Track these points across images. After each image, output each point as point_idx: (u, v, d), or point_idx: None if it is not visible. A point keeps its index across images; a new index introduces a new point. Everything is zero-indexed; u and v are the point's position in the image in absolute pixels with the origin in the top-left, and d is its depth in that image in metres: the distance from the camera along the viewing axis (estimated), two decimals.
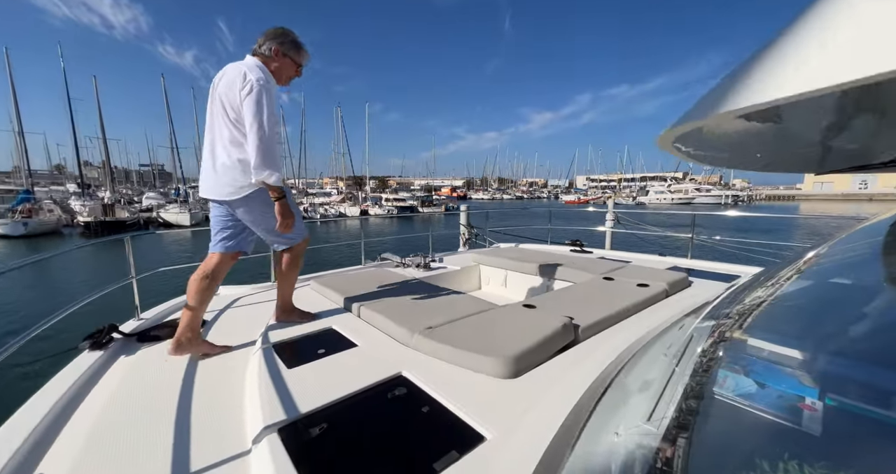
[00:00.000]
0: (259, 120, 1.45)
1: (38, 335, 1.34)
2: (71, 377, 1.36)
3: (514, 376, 1.23)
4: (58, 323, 1.46)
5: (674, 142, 0.55)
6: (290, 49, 1.64)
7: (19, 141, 21.68)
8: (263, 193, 1.58)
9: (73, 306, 1.62)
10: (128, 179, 65.59)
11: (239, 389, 1.33)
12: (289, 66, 1.66)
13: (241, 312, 2.15)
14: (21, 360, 2.47)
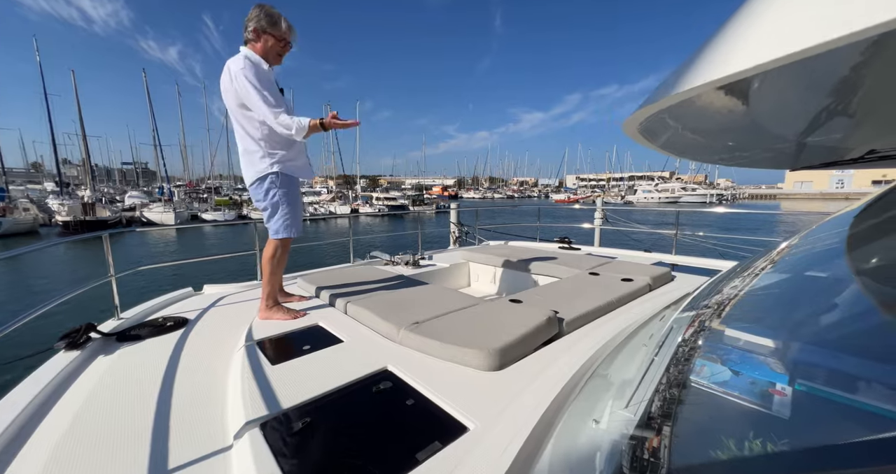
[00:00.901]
0: (258, 102, 1.58)
1: (8, 336, 1.29)
2: (46, 377, 1.31)
3: (499, 368, 1.24)
4: (32, 324, 1.41)
5: (641, 126, 0.54)
6: (268, 25, 1.64)
7: None
8: (261, 184, 1.75)
9: (49, 304, 1.56)
10: (109, 178, 63.78)
11: (221, 386, 1.30)
12: (272, 42, 1.67)
13: (226, 310, 2.11)
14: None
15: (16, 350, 2.04)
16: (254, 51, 1.66)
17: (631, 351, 1.23)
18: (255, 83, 1.56)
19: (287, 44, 1.71)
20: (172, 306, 2.18)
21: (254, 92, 1.56)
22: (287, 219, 1.80)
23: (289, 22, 1.69)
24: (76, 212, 17.78)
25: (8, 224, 16.03)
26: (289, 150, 1.78)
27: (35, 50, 22.37)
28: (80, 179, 40.89)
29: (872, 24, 0.23)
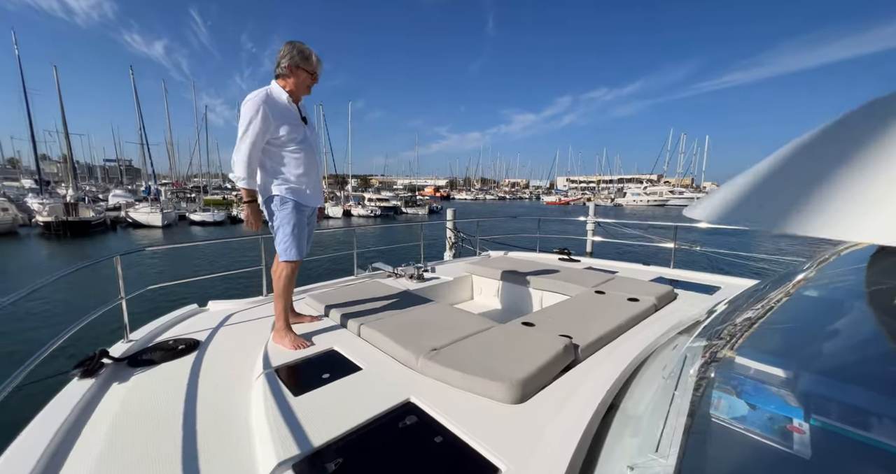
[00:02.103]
0: (240, 133, 1.67)
1: (17, 359, 1.28)
2: (65, 408, 1.30)
3: (521, 401, 1.27)
4: (35, 342, 1.39)
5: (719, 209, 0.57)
6: (301, 61, 1.75)
7: None
8: (268, 205, 1.81)
9: (68, 332, 1.56)
10: (91, 175, 61.79)
11: (244, 417, 1.31)
12: (304, 76, 1.78)
13: (236, 331, 2.10)
14: None
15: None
16: (285, 85, 1.77)
17: (648, 382, 1.28)
18: (252, 115, 1.66)
19: (317, 76, 1.82)
20: (180, 325, 2.16)
21: (243, 126, 1.67)
22: (287, 242, 1.83)
23: (310, 50, 1.78)
24: (58, 212, 17.18)
25: None
26: (295, 176, 1.81)
27: (14, 43, 21.62)
28: (59, 177, 39.51)
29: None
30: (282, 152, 1.75)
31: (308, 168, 1.83)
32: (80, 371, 1.49)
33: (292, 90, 1.77)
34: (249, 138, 1.64)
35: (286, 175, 1.78)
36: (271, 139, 1.71)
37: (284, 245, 1.81)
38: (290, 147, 1.75)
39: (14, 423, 0.96)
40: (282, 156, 1.76)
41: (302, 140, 1.79)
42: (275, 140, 1.72)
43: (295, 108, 1.80)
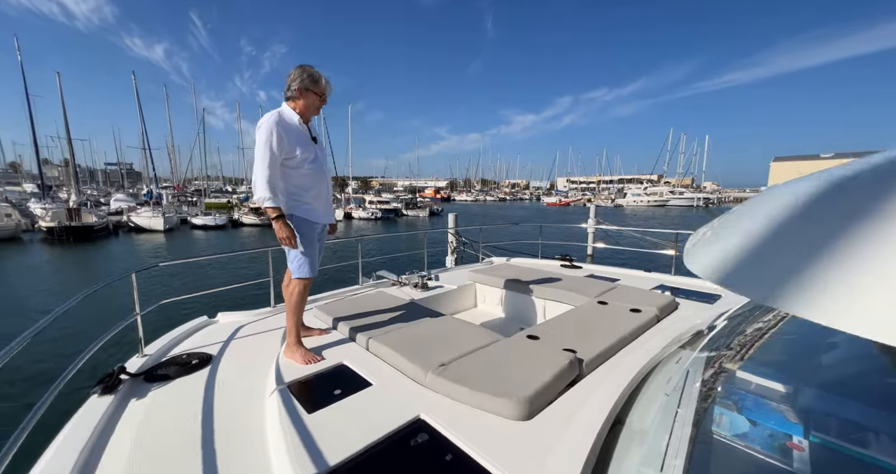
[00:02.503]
0: (258, 156, 1.72)
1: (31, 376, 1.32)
2: (87, 425, 1.34)
3: (528, 417, 1.31)
4: (49, 355, 1.44)
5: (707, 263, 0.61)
6: (310, 84, 1.82)
7: None
8: (287, 219, 1.83)
9: (93, 348, 1.62)
10: (93, 179, 61.99)
11: (259, 434, 1.35)
12: (313, 98, 1.85)
13: (246, 344, 2.14)
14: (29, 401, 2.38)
15: (31, 386, 2.01)
16: (294, 106, 1.83)
17: (651, 397, 1.32)
18: (267, 137, 1.71)
19: (325, 98, 1.88)
20: (192, 338, 2.21)
21: (261, 148, 1.72)
22: (300, 260, 1.88)
23: (319, 73, 1.85)
24: (61, 217, 17.26)
25: None
26: (307, 195, 1.87)
27: (16, 49, 21.76)
28: (60, 180, 39.67)
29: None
30: (294, 172, 1.81)
31: (319, 186, 1.89)
32: (100, 388, 1.54)
33: (302, 112, 1.84)
34: (268, 159, 1.70)
35: (298, 194, 1.84)
36: (285, 160, 1.77)
37: (297, 262, 1.86)
38: (302, 167, 1.81)
39: (31, 437, 0.99)
40: (294, 176, 1.82)
41: (313, 159, 1.85)
42: (288, 160, 1.78)
43: (305, 128, 1.86)
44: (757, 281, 0.45)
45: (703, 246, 0.63)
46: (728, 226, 0.65)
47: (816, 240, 0.44)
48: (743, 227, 0.56)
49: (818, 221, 0.47)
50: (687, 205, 52.02)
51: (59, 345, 5.59)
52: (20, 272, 11.17)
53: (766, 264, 0.46)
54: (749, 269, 0.47)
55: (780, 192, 0.62)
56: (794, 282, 0.42)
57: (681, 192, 55.68)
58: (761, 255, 0.48)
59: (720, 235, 0.62)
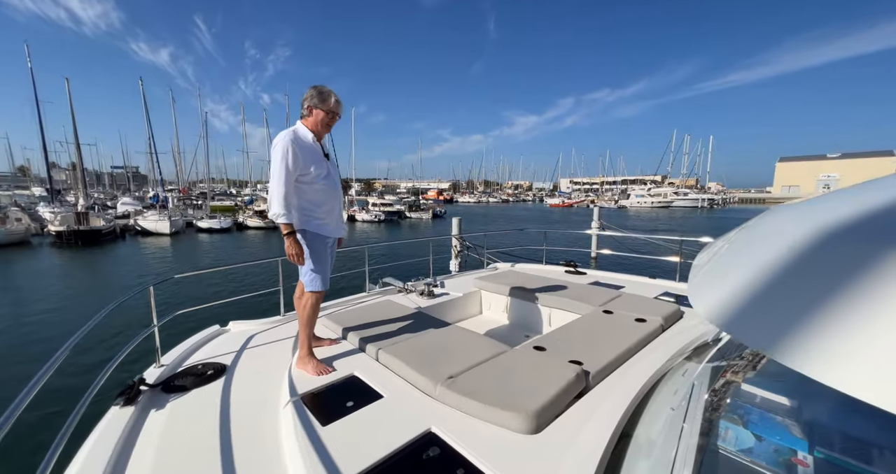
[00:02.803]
0: (274, 174, 1.79)
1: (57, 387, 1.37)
2: (111, 436, 1.40)
3: (536, 431, 1.35)
4: (66, 363, 1.46)
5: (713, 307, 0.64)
6: (318, 102, 1.89)
7: None
8: (300, 234, 1.90)
9: (118, 359, 1.68)
10: (99, 182, 62.75)
11: (275, 447, 1.40)
12: (322, 115, 1.91)
13: (259, 354, 2.19)
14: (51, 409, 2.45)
15: (54, 394, 2.07)
16: (306, 124, 1.90)
17: (658, 411, 1.35)
18: (282, 155, 1.77)
19: (335, 115, 1.93)
20: (206, 348, 2.27)
21: (278, 164, 1.77)
22: (312, 274, 1.93)
23: (337, 97, 1.91)
24: (69, 221, 17.50)
25: (1, 235, 15.80)
26: (320, 210, 1.92)
27: (27, 56, 22.12)
28: (68, 183, 40.21)
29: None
30: (308, 188, 1.87)
31: (331, 202, 1.95)
32: (122, 400, 1.59)
33: (314, 129, 1.90)
34: (283, 177, 1.76)
35: (311, 209, 1.90)
36: (299, 176, 1.83)
37: (310, 276, 1.91)
38: (315, 183, 1.87)
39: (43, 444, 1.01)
40: (308, 192, 1.87)
41: (326, 175, 1.91)
42: (302, 177, 1.84)
43: (318, 145, 1.92)
44: (754, 331, 0.48)
45: (707, 284, 0.66)
46: (730, 262, 0.69)
47: (812, 294, 0.46)
48: (744, 270, 0.60)
49: (814, 273, 0.50)
50: (691, 206, 51.71)
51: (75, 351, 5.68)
52: (31, 276, 11.34)
53: (764, 315, 0.49)
54: (747, 318, 0.51)
55: (781, 230, 0.64)
56: (788, 336, 0.44)
57: (685, 193, 55.38)
58: (759, 304, 0.51)
59: (722, 272, 0.65)
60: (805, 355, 0.42)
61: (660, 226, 28.62)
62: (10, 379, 5.02)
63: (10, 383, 4.89)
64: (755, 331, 0.48)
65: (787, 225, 0.66)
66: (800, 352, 0.42)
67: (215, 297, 7.49)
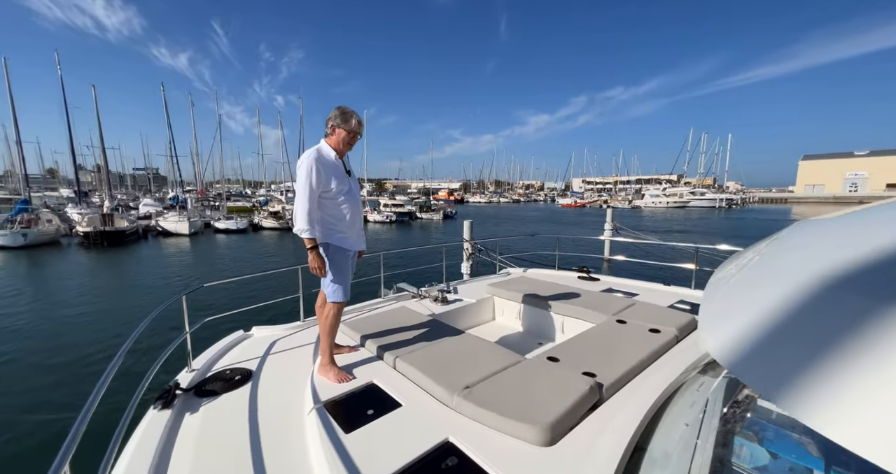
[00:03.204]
0: (299, 191, 1.88)
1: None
2: (151, 442, 1.51)
3: (550, 443, 1.39)
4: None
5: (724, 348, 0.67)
6: (341, 122, 1.98)
7: (16, 149, 21.61)
8: (322, 247, 1.99)
9: (158, 362, 1.83)
10: (122, 184, 65.09)
11: (302, 452, 1.48)
12: (344, 134, 2.00)
13: (281, 360, 2.30)
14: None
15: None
16: (329, 142, 1.99)
17: (671, 425, 1.37)
18: (307, 173, 1.86)
19: (356, 135, 2.02)
20: (232, 352, 2.38)
21: (303, 181, 1.86)
22: (333, 286, 2.02)
23: (358, 117, 2.00)
24: (95, 222, 18.26)
25: (33, 236, 16.59)
26: (342, 224, 2.01)
27: (57, 64, 23.13)
28: (93, 185, 41.98)
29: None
30: (330, 203, 1.96)
31: (352, 216, 2.03)
32: (160, 403, 1.71)
33: (336, 147, 1.99)
34: (307, 194, 1.85)
35: (334, 224, 1.99)
36: (322, 193, 1.92)
37: (332, 287, 2.00)
38: (338, 198, 1.96)
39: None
40: (330, 207, 1.97)
41: (347, 191, 2.00)
42: (325, 193, 1.93)
43: (340, 162, 2.01)
44: (761, 378, 0.51)
45: (716, 318, 0.70)
46: (740, 296, 0.72)
47: (817, 342, 0.48)
48: (753, 308, 0.63)
49: (819, 321, 0.52)
50: (709, 207, 50.34)
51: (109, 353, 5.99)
52: (64, 276, 11.89)
53: (770, 362, 0.52)
54: (754, 364, 0.54)
55: (792, 265, 0.67)
56: (793, 386, 0.46)
57: (702, 193, 53.93)
58: (766, 350, 0.54)
59: (732, 307, 0.68)
60: (806, 408, 0.42)
61: (675, 226, 27.99)
62: (76, 363, 5.33)
63: (79, 373, 5.18)
64: (760, 380, 0.51)
65: (802, 255, 0.68)
66: (802, 404, 0.43)
67: (236, 299, 7.77)
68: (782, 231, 1.01)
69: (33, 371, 5.34)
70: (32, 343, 6.39)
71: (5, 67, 20.57)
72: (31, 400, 4.56)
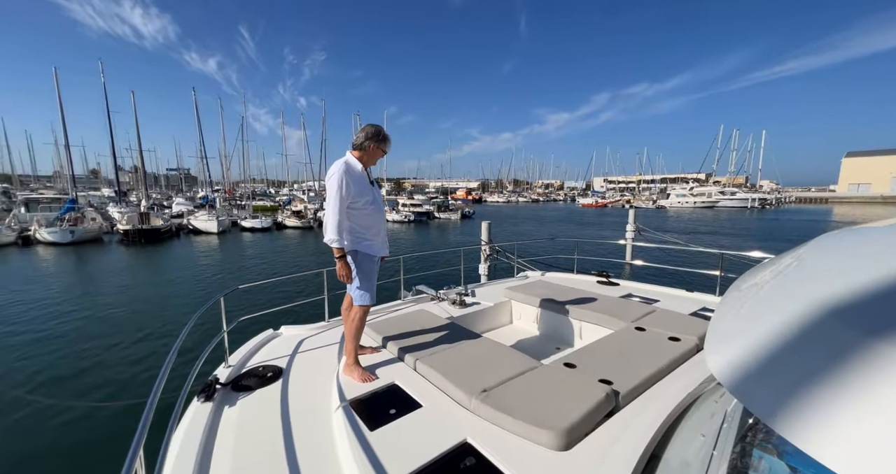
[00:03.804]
0: (330, 201, 2.00)
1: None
2: (196, 432, 1.66)
3: (565, 448, 1.44)
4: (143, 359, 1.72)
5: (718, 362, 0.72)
6: (379, 142, 2.13)
7: (65, 153, 23.36)
8: (351, 254, 2.10)
9: (202, 357, 2.01)
10: (156, 184, 68.92)
11: (330, 447, 1.59)
12: (377, 151, 2.15)
13: (309, 358, 2.44)
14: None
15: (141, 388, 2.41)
16: (355, 154, 2.12)
17: (688, 436, 1.39)
18: (338, 186, 1.98)
19: (384, 151, 2.16)
20: (263, 350, 2.55)
21: (333, 194, 1.99)
22: (361, 290, 2.13)
23: (387, 134, 2.15)
24: (134, 221, 19.50)
25: (79, 233, 17.89)
26: (368, 233, 2.12)
27: (100, 72, 24.73)
28: (130, 185, 44.85)
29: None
30: (358, 213, 2.08)
31: (377, 224, 2.15)
32: (203, 396, 1.87)
33: (364, 160, 2.12)
34: (336, 205, 1.97)
35: (361, 232, 2.10)
36: (350, 203, 2.04)
37: (359, 292, 2.12)
38: (365, 208, 2.08)
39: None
40: (358, 216, 2.08)
41: (373, 201, 2.12)
42: (353, 203, 2.05)
43: (366, 174, 2.13)
44: (758, 400, 0.56)
45: (724, 337, 0.73)
46: (747, 316, 0.75)
47: (812, 371, 0.52)
48: (758, 332, 0.66)
49: (815, 351, 0.56)
50: (740, 207, 47.96)
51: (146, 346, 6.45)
52: (110, 272, 12.80)
53: (767, 386, 0.56)
54: (751, 387, 0.59)
55: (794, 293, 0.69)
56: (787, 409, 0.50)
57: (732, 192, 51.43)
58: (763, 374, 0.59)
59: (736, 330, 0.72)
60: (798, 430, 0.46)
61: (701, 227, 26.89)
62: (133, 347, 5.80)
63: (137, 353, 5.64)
64: (758, 403, 0.55)
65: (809, 277, 0.71)
66: (794, 426, 0.47)
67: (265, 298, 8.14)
68: (804, 245, 1.01)
69: (118, 359, 5.87)
70: (102, 329, 6.96)
71: (55, 77, 22.19)
72: (117, 377, 5.04)
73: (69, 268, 13.10)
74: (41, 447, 3.91)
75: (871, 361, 0.48)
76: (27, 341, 6.60)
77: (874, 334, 0.51)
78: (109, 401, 4.48)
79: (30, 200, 22.25)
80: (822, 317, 0.58)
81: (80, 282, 11.00)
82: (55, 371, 5.51)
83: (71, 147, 23.41)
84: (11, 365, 5.69)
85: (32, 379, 5.26)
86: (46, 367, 5.61)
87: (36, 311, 8.16)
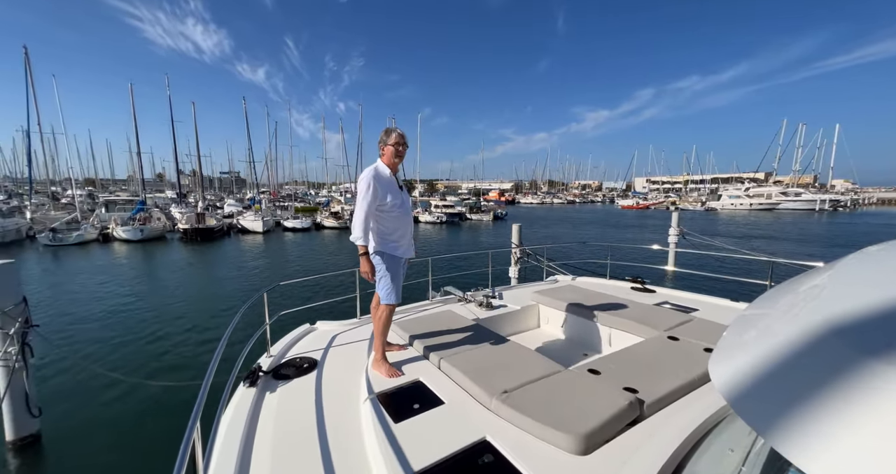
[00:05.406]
0: (358, 204, 2.13)
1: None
2: (243, 410, 1.86)
3: (585, 453, 1.44)
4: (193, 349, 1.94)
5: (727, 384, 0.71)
6: (384, 138, 2.23)
7: (136, 159, 26.37)
8: (374, 257, 2.21)
9: (248, 346, 2.22)
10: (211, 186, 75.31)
11: (358, 435, 1.70)
12: (389, 149, 2.23)
13: (342, 353, 2.60)
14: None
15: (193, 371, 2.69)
16: (383, 160, 2.24)
17: (717, 452, 1.34)
18: (366, 189, 2.11)
19: (399, 145, 2.23)
20: (301, 342, 2.75)
21: (361, 196, 2.11)
22: (388, 289, 2.24)
23: (399, 131, 2.23)
24: (192, 220, 21.55)
25: (147, 231, 20.13)
26: (395, 235, 2.22)
27: (166, 86, 27.52)
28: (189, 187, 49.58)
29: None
30: (386, 216, 2.20)
31: (404, 227, 2.25)
32: (248, 382, 2.08)
33: (389, 163, 2.23)
34: (364, 207, 2.10)
35: (387, 233, 2.22)
36: (378, 206, 2.16)
37: (386, 291, 2.23)
38: (393, 211, 2.19)
39: None
40: (385, 219, 2.20)
41: (400, 204, 2.22)
42: (381, 207, 2.17)
43: (394, 178, 2.23)
44: (757, 415, 0.56)
45: (729, 355, 0.73)
46: (756, 331, 0.74)
47: (810, 388, 0.52)
48: (758, 349, 0.66)
49: (812, 370, 0.55)
50: (806, 209, 43.20)
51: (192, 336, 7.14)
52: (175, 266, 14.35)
53: (765, 402, 0.56)
54: (750, 402, 0.59)
55: (805, 310, 0.68)
56: (784, 425, 0.51)
57: (797, 193, 46.47)
58: (764, 390, 0.59)
59: (742, 344, 0.71)
60: (794, 445, 0.47)
61: (754, 231, 24.57)
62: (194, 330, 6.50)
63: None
64: (756, 418, 0.56)
65: (826, 295, 0.69)
66: (790, 441, 0.48)
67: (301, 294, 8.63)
68: (843, 258, 0.96)
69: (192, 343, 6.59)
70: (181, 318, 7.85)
71: (131, 92, 25.03)
72: None
73: (137, 263, 14.74)
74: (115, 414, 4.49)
75: (868, 380, 0.48)
76: (113, 326, 7.58)
77: (872, 353, 0.51)
78: (171, 382, 5.01)
79: (108, 202, 25.31)
80: (824, 335, 0.58)
81: (149, 276, 12.41)
82: (130, 351, 6.33)
83: (142, 154, 26.25)
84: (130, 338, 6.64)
85: (124, 359, 6.05)
86: (128, 350, 6.42)
87: (114, 299, 9.31)
